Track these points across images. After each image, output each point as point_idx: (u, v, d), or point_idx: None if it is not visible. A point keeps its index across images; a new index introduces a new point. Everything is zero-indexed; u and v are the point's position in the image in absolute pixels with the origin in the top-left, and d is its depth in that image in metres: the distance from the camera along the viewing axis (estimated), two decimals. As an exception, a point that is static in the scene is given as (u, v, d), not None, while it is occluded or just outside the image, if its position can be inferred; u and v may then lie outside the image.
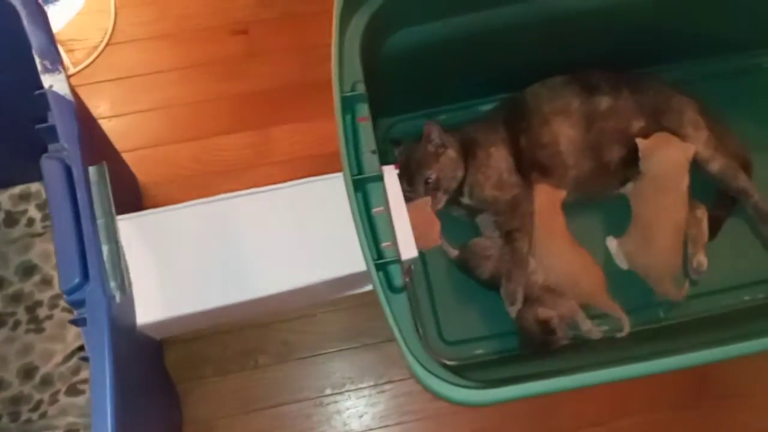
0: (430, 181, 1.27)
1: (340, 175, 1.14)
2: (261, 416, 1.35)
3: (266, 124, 1.50)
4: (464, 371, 1.24)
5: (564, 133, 1.31)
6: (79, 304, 0.82)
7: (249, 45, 1.55)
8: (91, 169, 0.90)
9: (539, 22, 1.25)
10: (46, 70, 0.92)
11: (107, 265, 0.89)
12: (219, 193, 1.17)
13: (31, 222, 1.36)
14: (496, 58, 1.31)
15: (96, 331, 0.81)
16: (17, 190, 1.37)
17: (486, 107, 1.43)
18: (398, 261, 0.97)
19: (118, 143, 1.41)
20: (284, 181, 1.18)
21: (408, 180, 1.28)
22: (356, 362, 1.39)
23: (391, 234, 0.98)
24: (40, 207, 1.36)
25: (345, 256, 1.12)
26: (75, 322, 0.83)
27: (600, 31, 1.30)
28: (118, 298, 0.89)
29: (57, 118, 0.89)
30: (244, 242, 1.15)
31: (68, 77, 0.92)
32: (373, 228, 0.98)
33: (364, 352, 1.39)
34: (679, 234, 1.30)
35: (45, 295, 1.33)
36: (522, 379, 0.93)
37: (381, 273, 0.96)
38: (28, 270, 1.34)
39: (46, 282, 1.34)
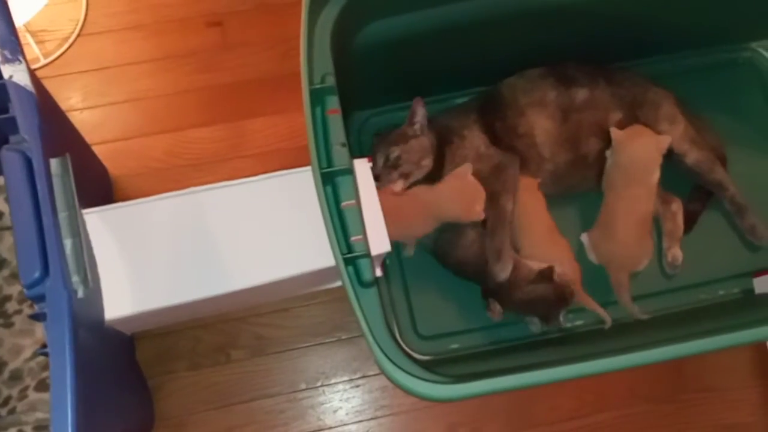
0: (391, 157, 1.26)
1: (311, 168, 1.14)
2: (234, 411, 1.34)
3: (240, 116, 1.49)
4: (439, 366, 1.24)
5: (540, 124, 1.30)
6: (39, 298, 0.81)
7: (223, 36, 1.53)
8: (53, 162, 0.89)
9: (514, 15, 1.23)
10: (6, 61, 0.90)
11: (70, 260, 0.87)
12: (191, 186, 1.16)
13: (0, 215, 1.34)
14: (471, 51, 1.30)
15: (56, 326, 0.79)
16: (-15, 183, 1.34)
17: (461, 100, 1.42)
18: (368, 255, 0.96)
19: (90, 135, 1.39)
20: (258, 173, 1.17)
21: (375, 153, 1.28)
22: (331, 357, 1.38)
23: (361, 228, 0.97)
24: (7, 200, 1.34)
25: (318, 250, 1.10)
26: (35, 317, 0.81)
27: (577, 25, 1.29)
28: (81, 293, 0.87)
29: (17, 109, 0.87)
30: (216, 236, 1.13)
31: (30, 68, 0.90)
32: (342, 222, 0.97)
33: (338, 347, 1.38)
34: (644, 228, 1.30)
35: (14, 290, 1.31)
36: (493, 373, 0.92)
37: (350, 267, 0.95)
38: (-3, 264, 1.32)
39: (16, 276, 1.31)
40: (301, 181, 1.15)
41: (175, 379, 1.35)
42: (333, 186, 0.98)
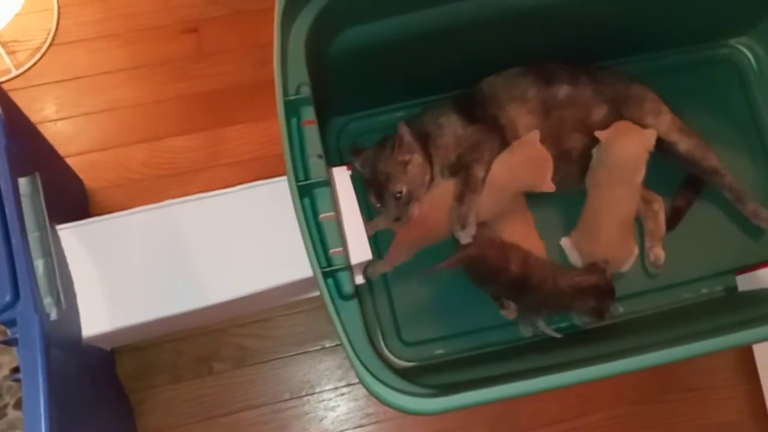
0: (400, 195, 1.23)
1: (277, 180, 1.13)
2: (218, 424, 1.33)
3: (217, 124, 1.46)
4: (424, 373, 1.23)
5: (521, 120, 1.28)
6: (10, 323, 0.79)
7: (199, 44, 1.50)
8: (22, 181, 0.87)
9: (492, 18, 1.22)
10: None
11: (41, 281, 0.85)
12: (170, 196, 1.15)
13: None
14: (449, 55, 1.29)
15: (27, 351, 0.78)
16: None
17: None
18: (348, 268, 0.94)
19: (65, 146, 1.37)
20: (236, 182, 1.16)
21: (377, 195, 1.26)
22: (315, 366, 1.36)
23: (340, 240, 0.96)
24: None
25: (297, 260, 1.08)
26: (7, 342, 0.80)
27: (555, 25, 1.28)
28: (54, 315, 0.86)
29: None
30: (193, 249, 1.12)
31: (7, 86, 0.88)
32: (321, 234, 0.95)
33: (322, 356, 1.37)
34: (627, 228, 1.29)
35: (-9, 306, 1.29)
36: (477, 383, 0.91)
37: (330, 280, 0.93)
38: (-28, 281, 1.30)
39: (-8, 293, 1.30)
40: (279, 191, 1.13)
41: (157, 393, 1.33)
42: (311, 198, 0.97)
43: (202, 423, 1.32)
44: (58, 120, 1.45)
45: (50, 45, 1.48)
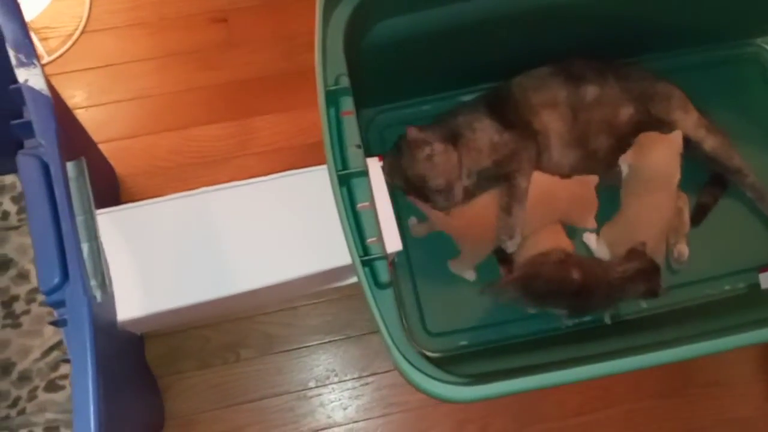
0: (440, 188, 1.24)
1: (321, 168, 1.14)
2: (244, 410, 1.34)
3: (246, 114, 1.48)
4: (448, 363, 1.24)
5: (552, 125, 1.30)
6: (59, 304, 0.80)
7: (228, 33, 1.52)
8: (69, 165, 0.88)
9: (521, 13, 1.23)
10: (21, 64, 0.89)
11: (87, 264, 0.87)
12: (198, 184, 1.15)
13: (5, 215, 1.33)
14: (477, 49, 1.30)
15: (77, 332, 0.79)
16: (-12, 183, 1.34)
17: (467, 98, 1.42)
18: (384, 257, 0.96)
19: (95, 134, 1.38)
20: (264, 172, 1.17)
21: (421, 197, 1.27)
22: (340, 354, 1.38)
23: (376, 229, 0.97)
24: (15, 200, 1.33)
25: (328, 249, 1.11)
26: (55, 323, 0.81)
27: (582, 21, 1.29)
28: (99, 297, 0.87)
29: (33, 113, 0.86)
30: (226, 236, 1.13)
31: (44, 71, 0.89)
32: (358, 224, 0.97)
33: (347, 345, 1.38)
34: (664, 232, 1.31)
35: (22, 290, 1.31)
36: (507, 374, 0.93)
37: (367, 269, 0.95)
38: (3, 264, 1.31)
39: (23, 276, 1.31)
40: (309, 182, 1.15)
41: (185, 379, 1.34)
42: (349, 188, 0.98)
43: (228, 408, 1.34)
44: (89, 107, 1.46)
45: (82, 32, 1.49)
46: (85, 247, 0.87)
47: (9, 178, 1.33)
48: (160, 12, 1.51)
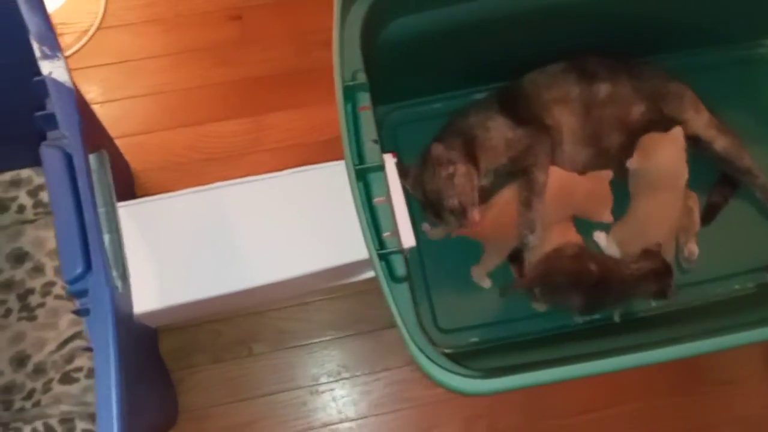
0: (454, 209, 1.24)
1: (336, 163, 1.15)
2: (256, 404, 1.35)
3: (260, 110, 1.49)
4: (459, 359, 1.25)
5: (565, 120, 1.31)
6: (81, 294, 0.81)
7: (243, 31, 1.53)
8: (92, 157, 0.90)
9: (536, 11, 1.25)
10: (45, 57, 0.90)
11: (109, 255, 0.88)
12: (212, 180, 1.16)
13: (21, 209, 1.34)
14: (489, 47, 1.31)
15: (100, 321, 0.80)
16: (7, 176, 1.34)
17: (478, 96, 1.43)
18: (400, 251, 0.97)
19: (110, 129, 1.39)
20: (278, 168, 1.18)
21: (435, 214, 1.27)
22: (351, 350, 1.39)
23: (392, 224, 0.98)
24: (31, 193, 1.34)
25: (342, 245, 1.12)
26: (77, 313, 0.82)
27: (594, 20, 1.30)
28: (120, 288, 0.88)
29: (56, 105, 0.87)
30: (241, 231, 1.14)
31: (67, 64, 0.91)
32: (375, 218, 0.98)
33: (359, 340, 1.39)
34: (674, 231, 1.32)
35: (37, 283, 1.32)
36: (519, 369, 0.94)
37: (383, 263, 0.95)
38: (19, 257, 1.32)
39: (38, 269, 1.32)
40: (324, 177, 1.16)
41: (197, 373, 1.35)
42: (365, 182, 0.99)
43: (240, 403, 1.35)
44: (104, 102, 1.47)
45: (97, 29, 1.50)
46: (106, 239, 0.89)
47: (25, 172, 1.35)
48: (175, 9, 1.53)
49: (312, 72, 1.51)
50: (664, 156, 1.29)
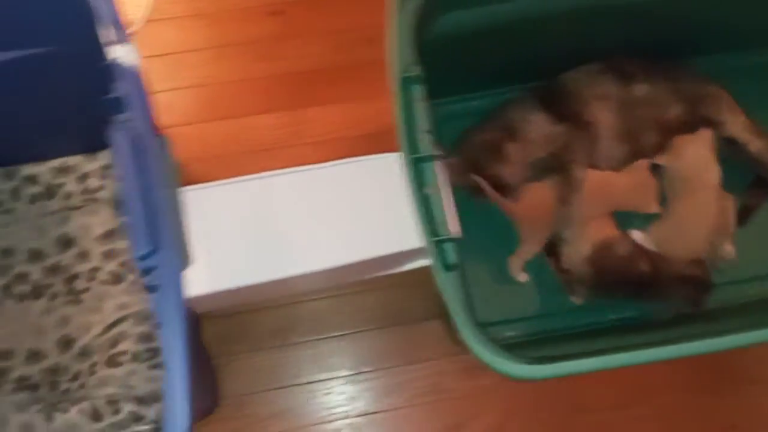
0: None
1: (380, 156, 1.17)
2: (293, 392, 1.38)
3: (299, 105, 1.52)
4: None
5: (603, 117, 1.33)
6: (150, 270, 0.84)
7: (284, 26, 1.56)
8: (156, 140, 0.92)
9: (580, 10, 1.26)
10: (114, 41, 0.93)
11: (174, 234, 0.90)
12: (251, 172, 1.19)
13: (69, 195, 1.36)
14: (529, 47, 1.32)
15: (168, 297, 0.83)
16: (56, 163, 1.37)
17: (514, 95, 1.44)
18: (452, 239, 0.99)
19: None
20: (318, 161, 1.20)
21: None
22: (388, 341, 1.41)
23: (444, 213, 1.00)
24: (79, 180, 1.36)
25: (388, 235, 1.15)
26: (147, 288, 0.84)
27: (633, 20, 1.32)
28: (184, 267, 0.91)
29: (126, 89, 0.90)
30: (289, 219, 1.16)
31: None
32: (428, 207, 1.00)
33: (395, 332, 1.41)
34: (710, 230, 1.33)
35: (83, 268, 1.33)
36: (570, 356, 0.96)
37: (438, 250, 0.98)
38: (66, 242, 1.34)
39: (84, 255, 1.34)
40: (371, 169, 1.19)
41: (237, 360, 1.38)
42: (419, 172, 1.01)
43: (279, 390, 1.37)
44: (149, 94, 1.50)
45: (144, 22, 1.53)
46: (171, 219, 0.91)
47: (73, 159, 1.37)
48: (218, 4, 1.55)
49: (351, 68, 1.54)
50: (692, 155, 1.31)
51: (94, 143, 1.30)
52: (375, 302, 1.42)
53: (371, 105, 1.49)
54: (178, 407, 0.79)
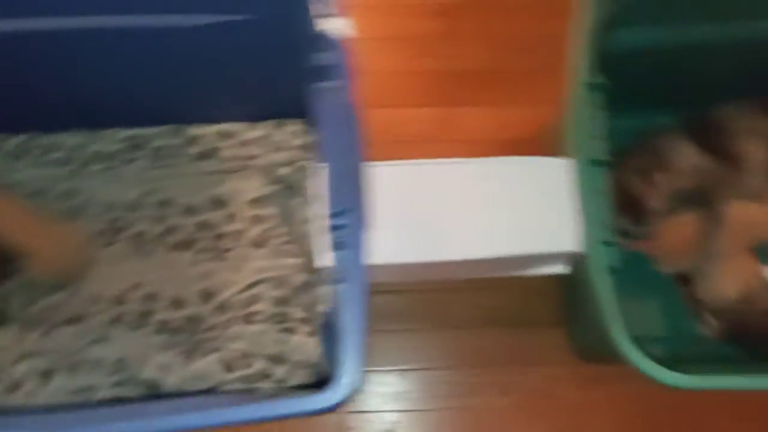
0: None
1: (548, 158, 1.20)
2: (410, 376, 1.41)
3: (452, 103, 1.56)
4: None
5: (753, 153, 1.33)
6: (340, 228, 0.89)
7: (446, 27, 1.61)
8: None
9: (745, 43, 1.27)
10: (323, 14, 0.98)
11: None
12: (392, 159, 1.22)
13: (225, 159, 1.43)
14: (689, 72, 1.34)
15: (352, 256, 0.87)
16: (220, 127, 1.44)
17: (661, 119, 1.43)
18: (616, 243, 1.01)
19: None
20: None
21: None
22: (506, 342, 1.43)
23: (610, 217, 1.02)
24: (237, 146, 1.44)
25: (543, 234, 1.16)
26: (334, 245, 0.89)
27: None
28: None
29: (333, 58, 0.95)
30: (447, 205, 1.19)
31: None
32: (597, 209, 1.02)
33: (515, 334, 1.43)
34: None
35: (230, 228, 1.40)
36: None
37: (600, 253, 1.00)
38: (218, 202, 1.41)
39: (233, 216, 1.40)
40: (529, 169, 1.20)
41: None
42: (590, 175, 1.04)
43: (397, 372, 1.42)
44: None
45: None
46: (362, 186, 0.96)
47: (235, 126, 1.43)
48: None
49: (505, 73, 1.57)
50: None
51: (258, 112, 1.36)
52: (493, 301, 1.45)
53: (521, 111, 1.52)
54: (351, 361, 0.83)
